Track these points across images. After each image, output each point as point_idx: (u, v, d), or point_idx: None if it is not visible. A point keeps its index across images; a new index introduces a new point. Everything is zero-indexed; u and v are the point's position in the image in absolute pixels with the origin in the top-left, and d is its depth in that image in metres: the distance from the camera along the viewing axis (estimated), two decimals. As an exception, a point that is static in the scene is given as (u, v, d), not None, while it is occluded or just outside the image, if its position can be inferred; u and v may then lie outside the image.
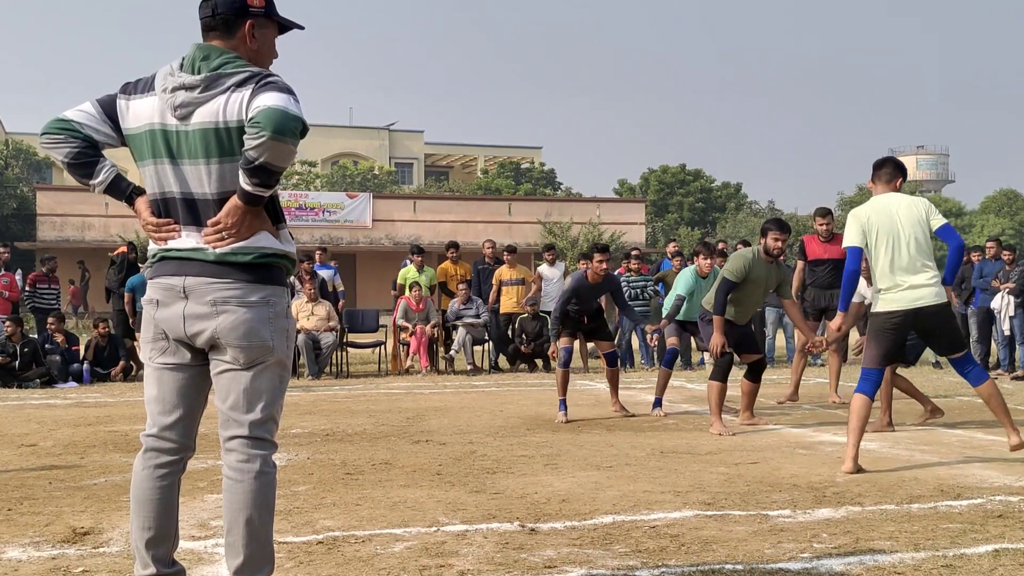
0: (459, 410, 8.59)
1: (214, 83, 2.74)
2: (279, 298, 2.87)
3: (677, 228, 43.79)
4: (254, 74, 2.75)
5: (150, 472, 2.88)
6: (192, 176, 2.78)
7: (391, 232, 33.14)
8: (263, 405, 2.84)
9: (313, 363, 12.10)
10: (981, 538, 3.93)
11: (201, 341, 2.82)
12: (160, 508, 2.87)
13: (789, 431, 7.20)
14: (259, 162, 2.60)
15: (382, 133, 53.04)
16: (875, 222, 5.59)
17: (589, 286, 8.00)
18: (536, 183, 48.58)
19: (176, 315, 2.81)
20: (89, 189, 2.89)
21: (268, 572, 2.84)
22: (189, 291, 2.79)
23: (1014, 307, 12.24)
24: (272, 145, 2.57)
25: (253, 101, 2.67)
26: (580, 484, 5.11)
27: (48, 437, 7.04)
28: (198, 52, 2.82)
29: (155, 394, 2.91)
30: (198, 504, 4.63)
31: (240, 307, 2.78)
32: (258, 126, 2.58)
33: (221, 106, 2.72)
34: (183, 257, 2.82)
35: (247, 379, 2.82)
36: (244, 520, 2.77)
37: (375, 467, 5.69)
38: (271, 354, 2.83)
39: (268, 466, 2.84)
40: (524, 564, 3.59)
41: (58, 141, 2.81)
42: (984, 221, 48.89)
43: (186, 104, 2.75)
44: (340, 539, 3.95)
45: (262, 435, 2.84)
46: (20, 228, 34.68)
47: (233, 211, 2.73)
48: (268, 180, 2.66)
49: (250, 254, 2.79)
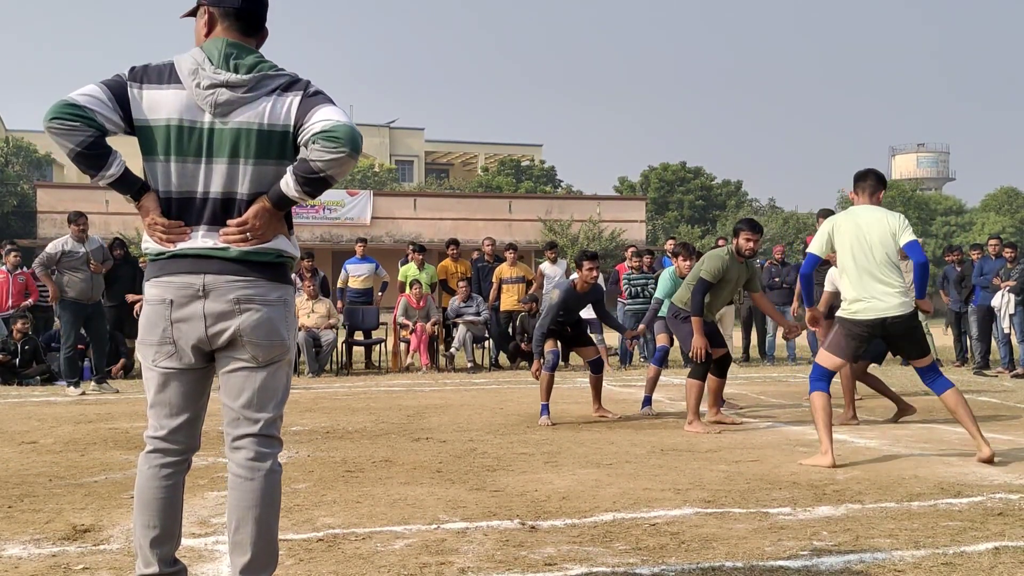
0: (459, 408, 8.60)
1: (260, 84, 2.74)
2: (292, 297, 2.92)
3: (677, 226, 43.76)
4: (295, 79, 2.78)
5: (155, 472, 2.85)
6: (225, 175, 2.75)
7: (391, 229, 33.13)
8: (276, 403, 2.85)
9: (313, 360, 12.11)
10: (981, 536, 3.93)
11: (221, 341, 2.78)
12: (165, 507, 2.86)
13: (789, 429, 7.21)
14: (325, 174, 2.63)
15: (382, 131, 52.97)
16: (845, 232, 5.76)
17: (577, 296, 7.88)
18: (536, 181, 48.53)
19: (196, 315, 2.75)
20: (91, 180, 2.76)
21: (272, 571, 2.84)
22: (209, 289, 2.75)
23: (1014, 305, 12.24)
24: (347, 161, 2.62)
25: (313, 112, 2.69)
26: (580, 482, 5.12)
27: (49, 434, 7.04)
28: (229, 49, 2.77)
29: (160, 398, 2.87)
30: (199, 501, 4.63)
31: (264, 306, 2.78)
32: (338, 141, 2.60)
33: (267, 109, 2.72)
34: (201, 255, 2.76)
35: (262, 377, 2.81)
36: (254, 518, 2.76)
37: (375, 465, 5.69)
38: (287, 352, 2.86)
39: (277, 464, 2.84)
40: (524, 561, 3.59)
41: (70, 128, 2.61)
42: (985, 219, 48.82)
43: (230, 103, 2.72)
44: (340, 536, 3.95)
45: (272, 433, 2.84)
46: (20, 226, 34.66)
47: (261, 213, 2.73)
48: (319, 191, 2.70)
49: (270, 254, 2.80)
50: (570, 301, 7.88)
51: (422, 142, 54.24)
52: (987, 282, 12.56)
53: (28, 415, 8.30)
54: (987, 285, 12.57)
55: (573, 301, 7.91)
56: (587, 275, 7.81)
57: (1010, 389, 10.37)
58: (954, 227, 48.96)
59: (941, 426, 7.23)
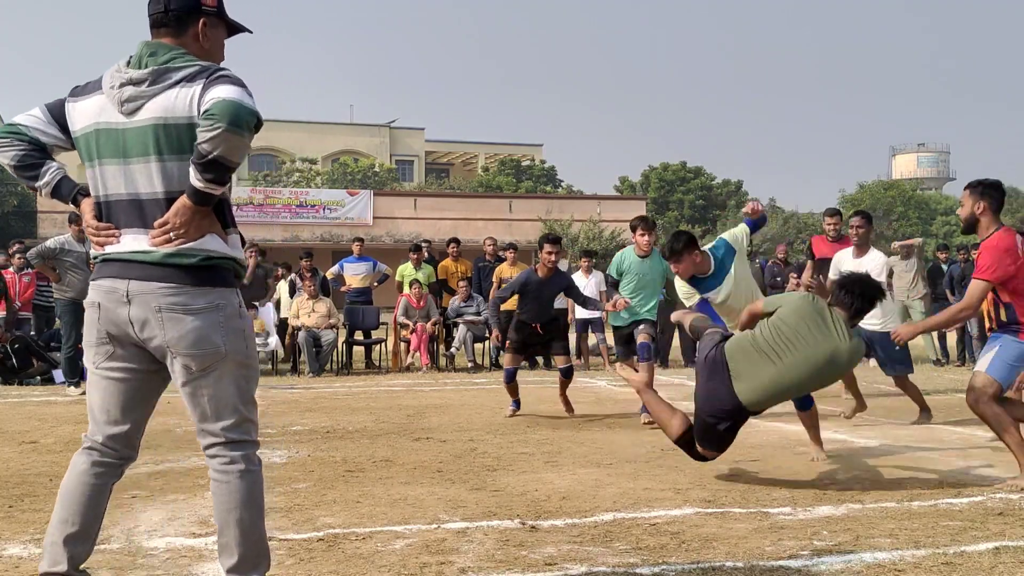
0: (459, 407, 8.60)
1: (162, 77, 2.67)
2: (228, 300, 2.77)
3: (678, 226, 43.76)
4: (204, 68, 2.68)
5: (87, 468, 2.85)
6: (139, 175, 2.70)
7: (392, 229, 33.13)
8: (232, 410, 2.78)
9: (314, 360, 12.11)
10: (981, 535, 3.93)
11: (152, 347, 2.75)
12: (88, 505, 2.82)
13: (789, 429, 7.20)
14: (213, 155, 2.51)
15: (383, 130, 52.98)
16: None
17: (539, 280, 7.77)
18: (537, 180, 48.52)
19: (123, 320, 2.73)
20: (38, 192, 2.84)
21: (265, 568, 2.83)
22: (132, 296, 2.70)
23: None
24: (227, 137, 2.49)
25: (206, 94, 2.60)
26: (580, 481, 5.12)
27: (49, 434, 7.04)
28: (145, 48, 2.76)
29: (100, 403, 2.84)
30: (199, 501, 4.63)
31: (187, 314, 2.69)
32: (213, 118, 2.49)
33: (170, 101, 2.65)
34: (126, 259, 2.73)
35: (209, 388, 2.75)
36: (235, 520, 2.75)
37: (376, 464, 5.69)
38: (224, 359, 2.74)
39: (252, 464, 2.80)
40: (524, 561, 3.59)
41: (5, 145, 2.78)
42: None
43: (133, 99, 2.68)
44: (341, 536, 3.95)
45: (239, 437, 2.80)
46: (21, 225, 34.67)
47: (182, 211, 2.64)
48: (221, 176, 2.57)
49: (195, 256, 2.69)
50: (531, 284, 7.74)
51: (422, 142, 54.23)
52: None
53: (28, 415, 8.29)
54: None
55: (534, 285, 7.76)
56: (546, 258, 7.71)
57: (1010, 389, 10.37)
58: (954, 227, 48.90)
59: (941, 426, 7.23)
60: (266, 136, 50.16)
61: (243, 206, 30.72)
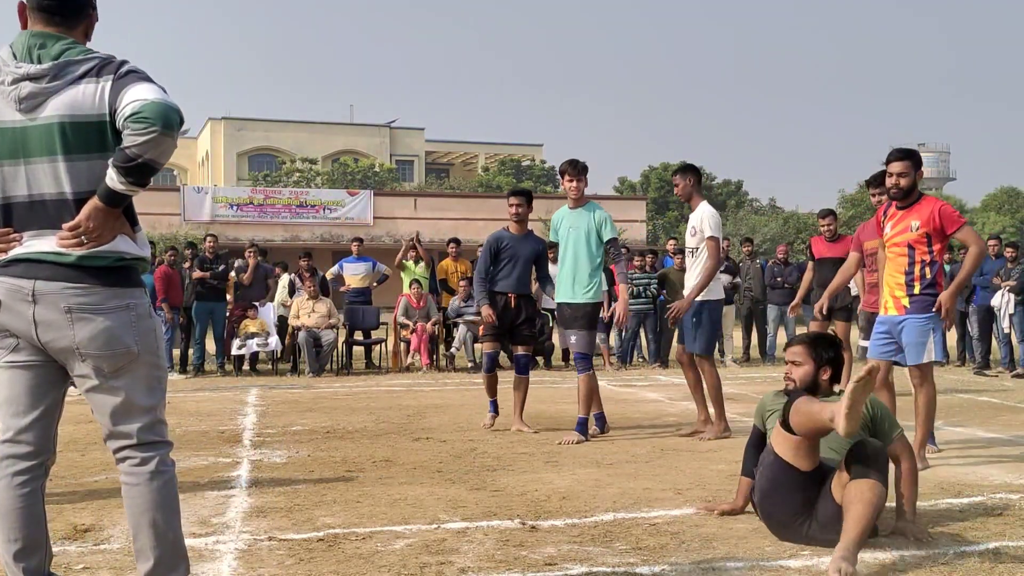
0: (459, 407, 8.60)
1: (63, 72, 2.56)
2: (139, 300, 2.71)
3: (678, 226, 43.76)
4: (105, 60, 2.58)
5: (8, 481, 2.71)
6: (44, 175, 2.59)
7: (392, 229, 33.14)
8: (144, 411, 2.72)
9: (314, 360, 12.11)
10: (981, 536, 3.93)
11: (54, 349, 2.65)
12: (25, 517, 2.71)
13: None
14: (142, 159, 2.43)
15: (383, 130, 52.98)
16: None
17: (513, 237, 7.28)
18: (537, 181, 48.55)
19: (25, 320, 2.62)
20: None
21: (184, 571, 2.77)
22: (39, 296, 2.60)
23: (1014, 305, 12.25)
24: (161, 140, 2.42)
25: (122, 93, 2.51)
26: (580, 481, 5.12)
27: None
28: (32, 40, 2.61)
29: (6, 395, 2.74)
30: (199, 501, 4.64)
31: (98, 315, 2.61)
32: (146, 121, 2.41)
33: (76, 98, 2.54)
34: (34, 259, 2.61)
35: (120, 391, 2.68)
36: (148, 523, 2.69)
37: (376, 464, 5.69)
38: (136, 360, 2.68)
39: (164, 465, 2.75)
40: (524, 561, 3.59)
41: None
42: (985, 219, 48.80)
43: (34, 96, 2.56)
44: (341, 536, 3.96)
45: (152, 438, 2.74)
46: (21, 225, 34.69)
47: (95, 213, 2.53)
48: (144, 179, 2.49)
49: (109, 258, 2.62)
50: (504, 242, 7.27)
51: (422, 142, 54.23)
52: (987, 282, 12.56)
53: None
54: (987, 285, 12.58)
55: (509, 242, 7.26)
56: (511, 210, 7.32)
57: (1010, 389, 10.37)
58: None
59: (940, 426, 7.22)
60: (266, 136, 50.24)
61: (243, 206, 30.75)
